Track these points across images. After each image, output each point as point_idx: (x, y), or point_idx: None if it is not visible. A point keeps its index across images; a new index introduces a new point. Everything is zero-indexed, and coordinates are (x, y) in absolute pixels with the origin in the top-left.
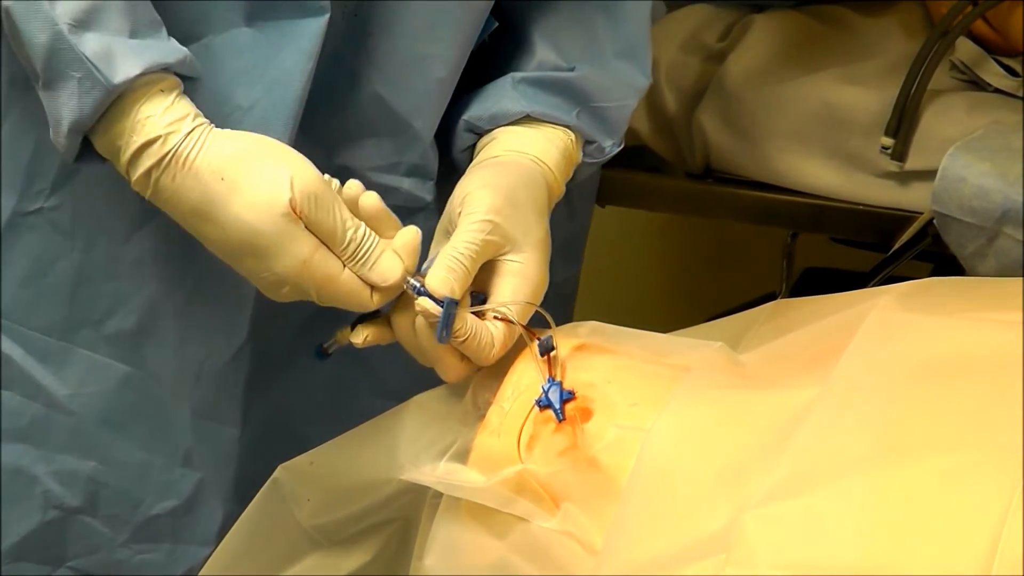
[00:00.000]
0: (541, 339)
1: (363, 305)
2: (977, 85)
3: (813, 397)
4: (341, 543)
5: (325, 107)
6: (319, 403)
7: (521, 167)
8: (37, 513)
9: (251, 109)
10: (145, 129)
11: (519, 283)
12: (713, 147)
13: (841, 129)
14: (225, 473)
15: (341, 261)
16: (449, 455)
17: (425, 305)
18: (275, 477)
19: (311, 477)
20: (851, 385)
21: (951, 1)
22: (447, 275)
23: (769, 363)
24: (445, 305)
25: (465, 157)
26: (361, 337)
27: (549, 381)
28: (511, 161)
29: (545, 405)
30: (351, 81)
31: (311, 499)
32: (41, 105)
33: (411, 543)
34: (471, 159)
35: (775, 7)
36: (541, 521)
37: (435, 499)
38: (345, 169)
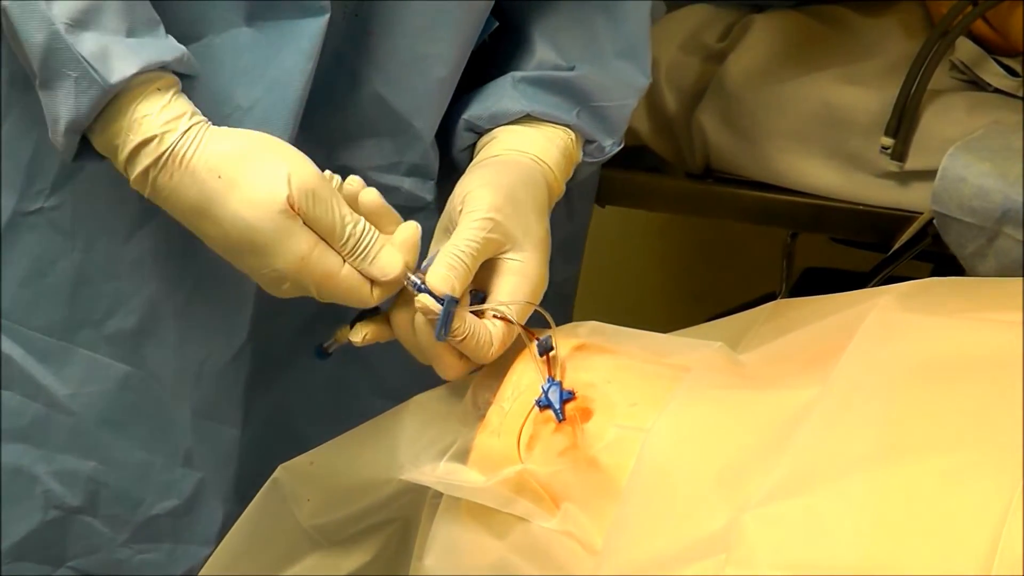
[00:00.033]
0: (540, 339)
1: (363, 301)
2: (977, 85)
3: (813, 397)
4: (341, 543)
5: (325, 107)
6: (319, 403)
7: (521, 166)
8: (37, 513)
9: (251, 109)
10: (142, 128)
11: (519, 282)
12: (713, 147)
13: (841, 129)
14: (225, 473)
15: (341, 257)
16: (449, 455)
17: (425, 302)
18: (275, 477)
19: (311, 477)
20: (851, 385)
21: (951, 1)
22: (448, 273)
23: (769, 363)
24: (445, 303)
25: (465, 156)
26: (360, 335)
27: (549, 381)
28: (511, 160)
29: (545, 405)
30: (351, 81)
31: (311, 499)
32: (41, 105)
33: (411, 543)
34: (471, 158)
35: (775, 7)
36: (541, 521)
37: (435, 499)
38: (346, 169)
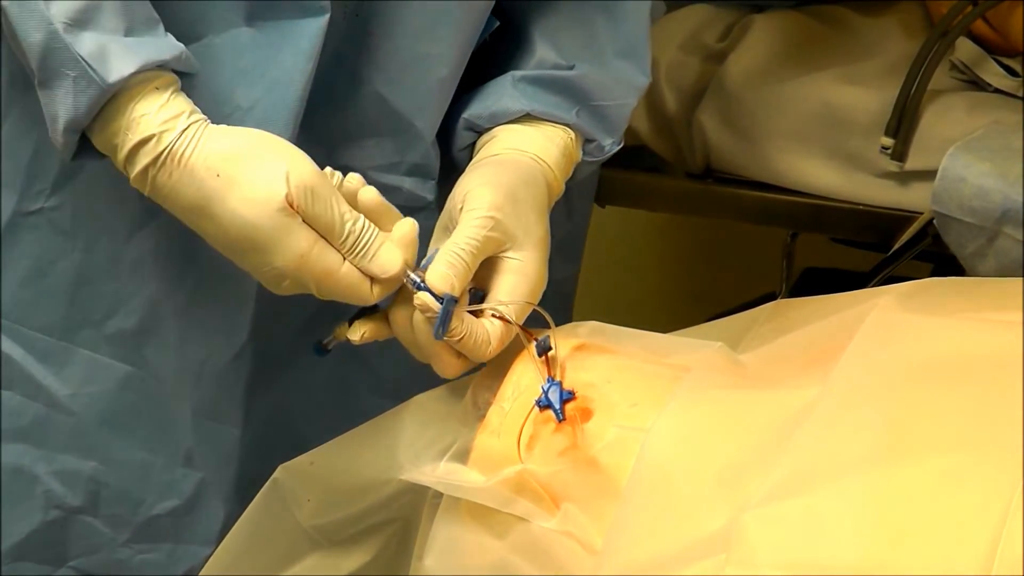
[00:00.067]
0: (538, 339)
1: (363, 298)
2: (977, 85)
3: (813, 397)
4: (341, 543)
5: (326, 107)
6: (320, 403)
7: (521, 165)
8: (38, 513)
9: (251, 109)
10: (140, 127)
11: (518, 280)
12: (713, 147)
13: (841, 129)
14: (226, 473)
15: (341, 254)
16: (449, 455)
17: (424, 299)
18: (275, 477)
19: (311, 477)
20: (851, 385)
21: (951, 1)
22: (447, 271)
23: (769, 363)
24: (444, 302)
25: (465, 155)
26: (358, 334)
27: (549, 381)
28: (511, 159)
29: (545, 405)
30: (352, 81)
31: (311, 499)
32: (41, 105)
33: (411, 543)
34: (471, 157)
35: (775, 7)
36: (541, 521)
37: (435, 499)
38: (346, 169)
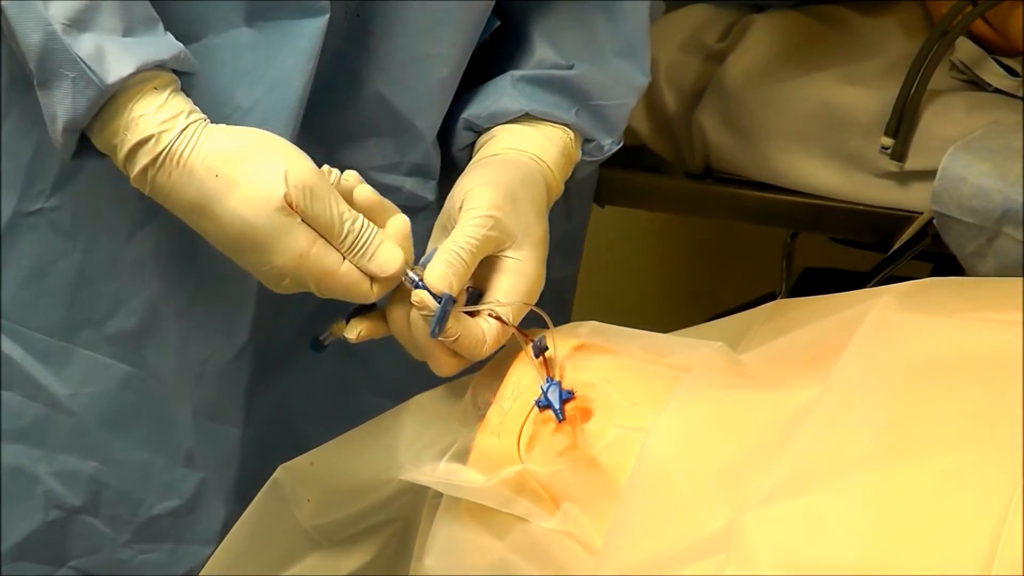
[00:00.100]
0: (535, 340)
1: (363, 297)
2: (977, 85)
3: (813, 397)
4: (341, 543)
5: (326, 107)
6: (320, 403)
7: (520, 165)
8: (38, 513)
9: (251, 110)
10: (139, 128)
11: (516, 280)
12: (713, 147)
13: (841, 129)
14: (227, 473)
15: (340, 253)
16: (449, 455)
17: (421, 297)
18: (275, 477)
19: (311, 477)
20: (851, 385)
21: (951, 1)
22: (446, 270)
23: (769, 363)
24: (443, 302)
25: (464, 155)
26: (355, 332)
27: (548, 381)
28: (510, 159)
29: (545, 405)
30: (352, 81)
31: (311, 499)
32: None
33: (411, 543)
34: (470, 157)
35: (775, 7)
36: (541, 521)
37: (435, 499)
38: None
